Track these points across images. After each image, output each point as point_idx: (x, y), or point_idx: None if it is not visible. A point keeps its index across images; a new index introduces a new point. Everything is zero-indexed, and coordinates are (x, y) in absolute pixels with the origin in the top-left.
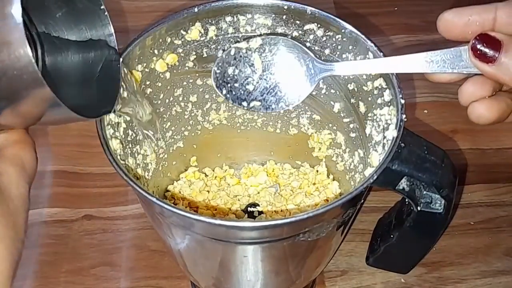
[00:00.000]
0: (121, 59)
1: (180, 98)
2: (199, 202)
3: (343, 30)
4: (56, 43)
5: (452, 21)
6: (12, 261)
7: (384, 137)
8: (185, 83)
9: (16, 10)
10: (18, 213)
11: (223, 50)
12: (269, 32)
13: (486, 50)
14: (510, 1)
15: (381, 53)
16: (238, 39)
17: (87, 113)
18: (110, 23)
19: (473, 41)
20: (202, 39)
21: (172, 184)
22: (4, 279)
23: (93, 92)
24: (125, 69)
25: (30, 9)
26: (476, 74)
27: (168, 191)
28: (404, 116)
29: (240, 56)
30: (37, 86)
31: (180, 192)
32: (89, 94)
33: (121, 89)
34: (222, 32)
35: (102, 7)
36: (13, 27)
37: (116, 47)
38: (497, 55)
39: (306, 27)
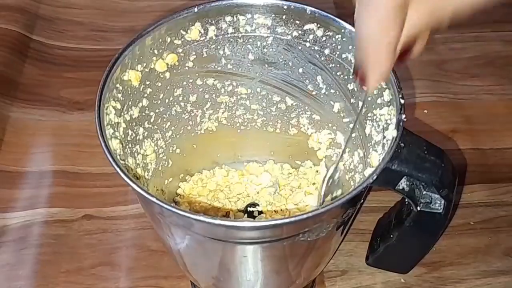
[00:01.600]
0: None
1: (180, 98)
2: (201, 202)
3: (343, 30)
4: None
5: None
6: None
7: (384, 137)
8: (185, 83)
9: None
10: None
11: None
12: (268, 32)
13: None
14: None
15: None
16: (238, 39)
17: None
18: None
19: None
20: (202, 39)
21: (178, 186)
22: None
23: None
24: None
25: None
26: None
27: (178, 195)
28: (403, 116)
29: None
30: None
31: (184, 192)
32: None
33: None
34: (222, 32)
35: None
36: None
37: None
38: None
39: (306, 27)
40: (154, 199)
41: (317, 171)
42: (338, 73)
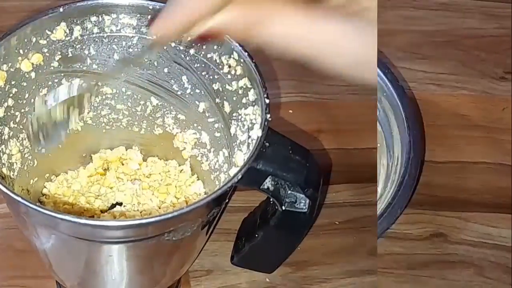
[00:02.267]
0: None
1: (45, 98)
2: (66, 202)
3: None
4: None
5: None
6: None
7: (249, 137)
8: (50, 82)
9: None
10: None
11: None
12: (134, 32)
13: None
14: None
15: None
16: (104, 39)
17: None
18: None
19: None
20: (67, 39)
21: (44, 185)
22: None
23: None
24: None
25: None
26: None
27: (44, 194)
28: (268, 115)
29: None
30: None
31: (49, 192)
32: None
33: None
34: (87, 32)
35: None
36: None
37: None
38: None
39: None
40: (19, 199)
41: (182, 170)
42: (203, 73)
